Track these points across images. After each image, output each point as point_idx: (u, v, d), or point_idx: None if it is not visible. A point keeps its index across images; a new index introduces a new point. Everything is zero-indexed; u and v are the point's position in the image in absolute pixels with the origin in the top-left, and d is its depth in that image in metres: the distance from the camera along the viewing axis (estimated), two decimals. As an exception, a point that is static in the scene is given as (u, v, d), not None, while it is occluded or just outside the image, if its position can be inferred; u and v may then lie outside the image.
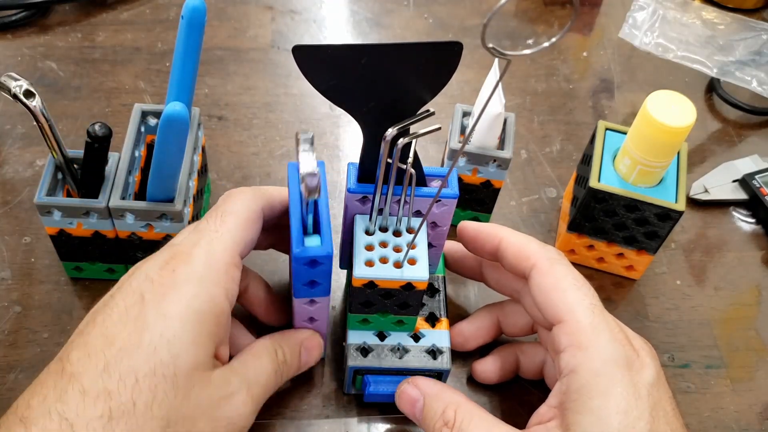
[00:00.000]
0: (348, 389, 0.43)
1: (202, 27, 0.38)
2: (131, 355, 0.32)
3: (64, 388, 0.31)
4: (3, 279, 0.47)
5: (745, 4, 0.69)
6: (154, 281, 0.34)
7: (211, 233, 0.36)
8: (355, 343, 0.41)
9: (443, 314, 0.43)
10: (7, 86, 0.39)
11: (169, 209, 0.42)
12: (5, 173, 0.53)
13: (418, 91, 0.33)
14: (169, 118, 0.36)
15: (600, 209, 0.46)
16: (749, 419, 0.45)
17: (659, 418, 0.34)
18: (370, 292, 0.38)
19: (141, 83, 0.59)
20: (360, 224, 0.38)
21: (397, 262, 0.37)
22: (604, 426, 0.33)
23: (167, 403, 0.32)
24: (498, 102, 0.44)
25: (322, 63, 0.32)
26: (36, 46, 0.62)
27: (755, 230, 0.55)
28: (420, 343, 0.42)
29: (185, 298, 0.34)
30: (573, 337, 0.36)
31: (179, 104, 0.35)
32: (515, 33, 0.67)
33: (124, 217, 0.42)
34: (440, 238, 0.41)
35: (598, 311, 0.37)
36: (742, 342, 0.48)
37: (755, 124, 0.62)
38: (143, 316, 0.33)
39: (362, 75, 0.32)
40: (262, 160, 0.55)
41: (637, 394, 0.34)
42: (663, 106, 0.42)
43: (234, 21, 0.65)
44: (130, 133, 0.45)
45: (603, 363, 0.35)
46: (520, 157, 0.57)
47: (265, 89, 0.60)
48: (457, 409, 0.37)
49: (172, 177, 0.41)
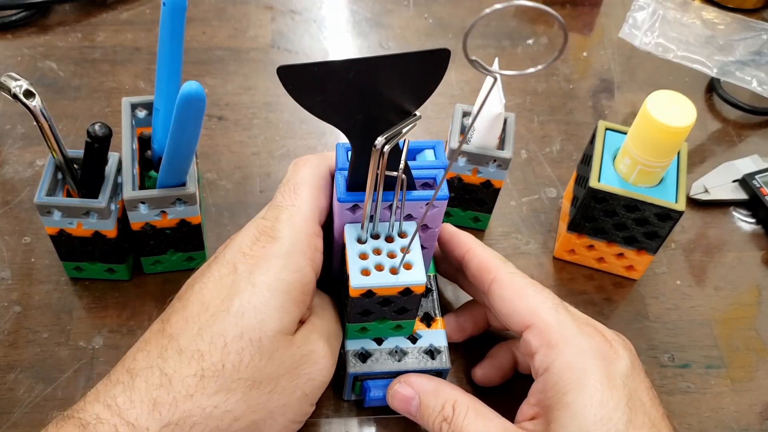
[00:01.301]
0: (348, 396, 0.43)
1: (184, 12, 0.39)
2: (222, 319, 0.34)
3: (164, 346, 0.34)
4: (3, 279, 0.47)
5: (745, 4, 0.69)
6: (246, 254, 0.36)
7: (289, 207, 0.38)
8: (354, 350, 0.41)
9: (438, 313, 0.43)
10: (7, 86, 0.39)
11: (183, 193, 0.42)
12: (5, 173, 0.53)
13: (407, 100, 0.33)
14: (188, 96, 0.36)
15: (600, 209, 0.46)
16: (749, 419, 0.45)
17: (636, 409, 0.34)
18: (368, 300, 0.38)
19: (141, 83, 0.59)
20: (351, 233, 0.38)
21: (393, 268, 0.37)
22: (581, 420, 0.34)
23: (253, 365, 0.34)
24: (498, 102, 0.44)
25: (308, 82, 0.31)
26: (36, 46, 0.62)
27: (755, 230, 0.55)
28: (417, 344, 0.41)
29: (274, 269, 0.36)
30: (542, 337, 0.37)
31: (195, 83, 0.35)
32: (515, 32, 0.67)
33: (137, 209, 0.43)
34: (431, 239, 0.41)
35: (562, 309, 0.38)
36: (742, 342, 0.48)
37: (755, 124, 0.62)
38: (235, 284, 0.35)
39: (349, 89, 0.32)
40: (262, 160, 0.55)
41: (612, 384, 0.35)
42: (663, 106, 0.42)
43: (234, 21, 0.65)
44: (125, 126, 0.45)
45: (574, 357, 0.35)
46: (520, 157, 0.57)
47: (265, 89, 0.60)
48: (455, 403, 0.37)
49: (188, 159, 0.41)
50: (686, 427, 0.44)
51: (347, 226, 0.38)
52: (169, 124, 0.39)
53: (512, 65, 0.64)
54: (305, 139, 0.57)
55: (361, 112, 0.33)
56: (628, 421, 0.34)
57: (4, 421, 0.41)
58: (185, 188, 0.42)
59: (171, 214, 0.43)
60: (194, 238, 0.46)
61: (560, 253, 0.51)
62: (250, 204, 0.53)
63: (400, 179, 0.35)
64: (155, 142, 0.45)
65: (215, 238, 0.50)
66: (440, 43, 0.64)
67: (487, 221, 0.52)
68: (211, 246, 0.50)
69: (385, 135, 0.33)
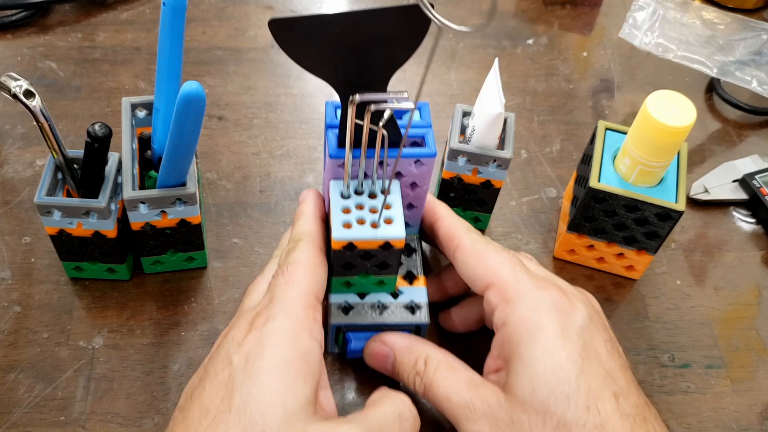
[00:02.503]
0: (331, 348, 0.44)
1: (184, 12, 0.39)
2: (225, 420, 0.32)
3: None
4: (3, 279, 0.47)
5: (745, 4, 0.69)
6: (240, 344, 0.34)
7: (282, 285, 0.37)
8: (337, 302, 0.42)
9: (420, 272, 0.44)
10: (7, 86, 0.39)
11: (183, 192, 0.42)
12: (5, 173, 0.53)
13: (393, 55, 0.34)
14: (188, 97, 0.36)
15: (600, 209, 0.46)
16: (749, 419, 0.45)
17: (591, 359, 0.35)
18: (350, 253, 0.39)
19: (141, 83, 0.59)
20: (335, 188, 0.40)
21: (374, 222, 0.39)
22: (533, 369, 0.35)
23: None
24: (498, 102, 0.44)
25: (298, 34, 0.32)
26: (36, 46, 0.62)
27: (755, 230, 0.55)
28: (399, 300, 0.43)
29: (268, 350, 0.34)
30: (500, 294, 0.38)
31: (195, 83, 0.35)
32: (515, 32, 0.67)
33: (137, 209, 0.43)
34: (420, 198, 0.42)
35: (520, 267, 0.39)
36: (742, 342, 0.48)
37: (755, 124, 0.62)
38: (232, 379, 0.33)
39: (338, 43, 0.33)
40: (262, 160, 0.55)
41: (566, 336, 0.35)
42: (663, 106, 0.42)
43: (234, 21, 0.65)
44: (125, 126, 0.45)
45: (528, 311, 0.36)
46: (520, 157, 0.57)
47: (265, 89, 0.60)
48: (426, 358, 0.39)
49: (188, 159, 0.41)
50: (686, 427, 0.44)
51: (332, 181, 0.40)
52: (169, 124, 0.39)
53: (512, 65, 0.64)
54: (305, 139, 0.57)
55: (349, 66, 0.34)
56: (579, 370, 0.34)
57: (4, 421, 0.41)
58: (185, 188, 0.42)
59: (171, 214, 0.43)
60: (194, 237, 0.46)
61: (560, 253, 0.51)
62: (250, 204, 0.53)
63: (381, 133, 0.36)
64: (155, 142, 0.45)
65: (215, 237, 0.50)
66: (440, 42, 0.64)
67: (487, 221, 0.52)
68: (212, 246, 0.50)
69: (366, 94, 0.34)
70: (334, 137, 0.38)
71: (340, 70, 0.34)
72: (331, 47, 0.33)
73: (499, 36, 0.66)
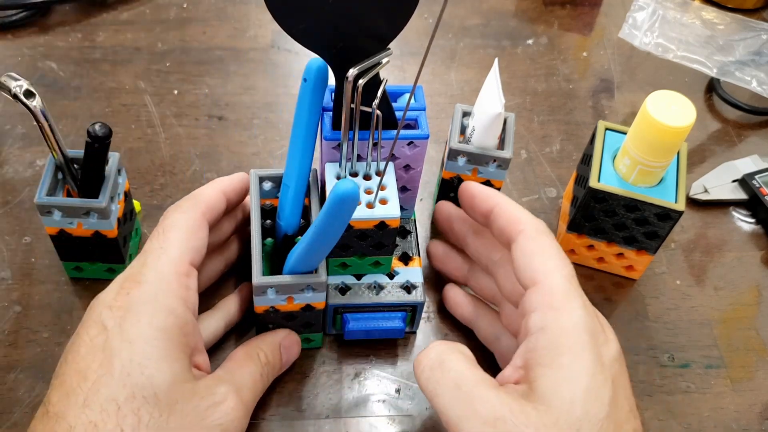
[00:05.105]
0: (329, 329, 0.45)
1: (326, 87, 0.38)
2: (107, 384, 0.33)
3: (52, 428, 0.32)
4: (3, 279, 0.47)
5: (745, 4, 0.69)
6: (112, 307, 0.35)
7: (156, 250, 0.37)
8: (334, 283, 0.43)
9: (416, 253, 0.45)
10: (7, 86, 0.39)
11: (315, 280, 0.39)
12: (5, 173, 0.53)
13: (384, 28, 0.35)
14: (343, 195, 0.33)
15: (600, 209, 0.46)
16: (749, 419, 0.45)
17: (619, 391, 0.35)
18: (346, 234, 0.39)
19: (141, 83, 0.60)
20: (330, 171, 0.40)
21: (369, 203, 0.39)
22: (575, 383, 0.33)
23: (153, 423, 0.32)
24: (498, 102, 0.44)
25: (292, 6, 0.33)
26: (36, 46, 0.62)
27: (755, 230, 0.55)
28: (395, 280, 0.44)
29: (144, 318, 0.34)
30: (546, 298, 0.36)
31: (351, 181, 0.33)
32: (515, 32, 0.67)
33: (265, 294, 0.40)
34: (413, 181, 0.43)
35: (575, 282, 0.37)
36: (742, 342, 0.48)
37: (755, 124, 0.62)
38: (109, 344, 0.34)
39: (330, 14, 0.34)
40: (262, 160, 0.55)
41: (602, 363, 0.35)
42: (663, 106, 0.42)
43: (234, 21, 0.65)
44: (253, 201, 0.42)
45: (573, 325, 0.35)
46: (520, 157, 0.57)
47: (265, 89, 0.60)
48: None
49: (327, 250, 0.39)
50: (686, 427, 0.44)
51: (327, 164, 0.40)
52: (299, 203, 0.40)
53: (512, 65, 0.64)
54: (305, 139, 0.57)
55: (341, 40, 0.35)
56: (612, 399, 0.34)
57: (4, 421, 0.41)
58: (318, 275, 0.40)
59: (297, 300, 0.41)
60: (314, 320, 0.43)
61: (560, 253, 0.51)
62: (250, 204, 0.53)
63: (375, 114, 0.36)
64: (282, 219, 0.42)
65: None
66: (440, 42, 0.64)
67: (487, 221, 0.52)
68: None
69: (358, 67, 0.35)
70: (328, 120, 0.39)
71: (333, 44, 0.35)
72: (323, 20, 0.34)
73: (499, 36, 0.66)
